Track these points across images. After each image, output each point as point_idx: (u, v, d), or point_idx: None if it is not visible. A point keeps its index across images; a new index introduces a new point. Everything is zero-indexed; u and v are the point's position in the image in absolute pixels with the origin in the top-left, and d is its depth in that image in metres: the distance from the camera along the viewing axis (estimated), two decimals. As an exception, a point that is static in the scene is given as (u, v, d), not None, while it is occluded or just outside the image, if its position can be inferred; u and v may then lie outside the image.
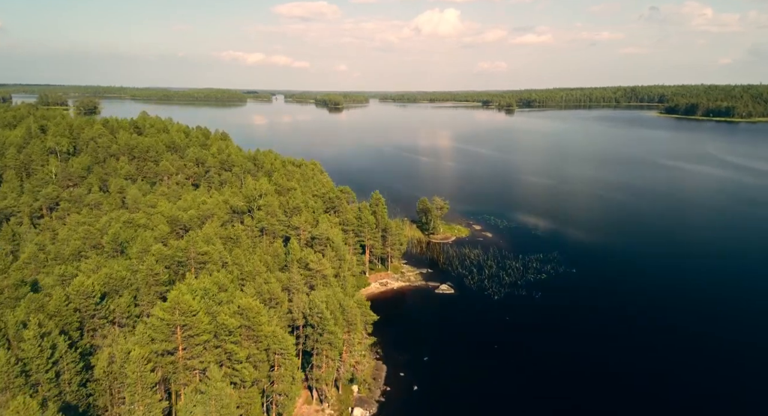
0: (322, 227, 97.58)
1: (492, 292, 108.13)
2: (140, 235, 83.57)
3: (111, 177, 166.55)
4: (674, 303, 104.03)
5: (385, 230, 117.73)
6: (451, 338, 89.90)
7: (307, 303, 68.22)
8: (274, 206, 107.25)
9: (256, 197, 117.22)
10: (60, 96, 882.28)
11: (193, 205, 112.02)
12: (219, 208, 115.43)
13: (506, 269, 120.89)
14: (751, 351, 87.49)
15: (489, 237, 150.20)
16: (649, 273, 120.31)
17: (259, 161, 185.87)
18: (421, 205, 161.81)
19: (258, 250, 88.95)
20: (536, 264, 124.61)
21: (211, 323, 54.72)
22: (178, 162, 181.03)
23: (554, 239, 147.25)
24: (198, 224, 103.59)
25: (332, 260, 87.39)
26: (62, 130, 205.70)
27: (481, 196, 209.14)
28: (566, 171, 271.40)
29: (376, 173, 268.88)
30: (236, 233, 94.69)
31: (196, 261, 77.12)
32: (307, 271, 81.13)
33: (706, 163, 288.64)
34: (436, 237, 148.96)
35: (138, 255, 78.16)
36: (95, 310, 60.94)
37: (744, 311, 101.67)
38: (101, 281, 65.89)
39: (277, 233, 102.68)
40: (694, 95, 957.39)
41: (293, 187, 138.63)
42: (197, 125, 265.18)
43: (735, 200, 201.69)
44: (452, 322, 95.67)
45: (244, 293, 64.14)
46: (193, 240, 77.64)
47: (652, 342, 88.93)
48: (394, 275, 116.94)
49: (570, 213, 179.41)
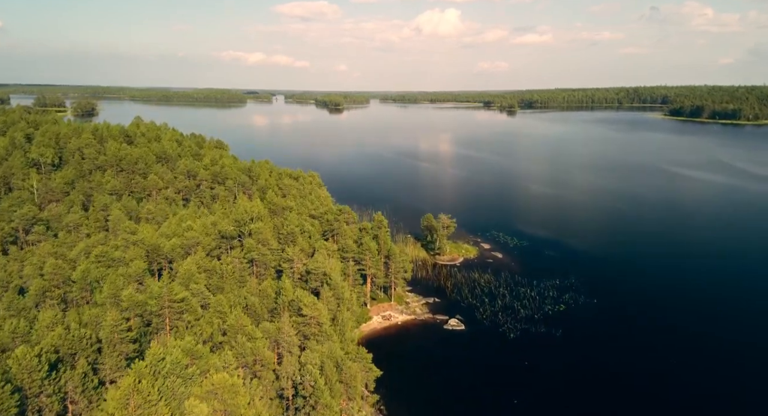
0: (318, 260, 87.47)
1: (507, 329, 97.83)
2: (111, 275, 73.38)
3: (96, 192, 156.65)
4: (726, 354, 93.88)
5: (389, 256, 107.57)
6: (463, 391, 79.32)
7: (297, 368, 58.15)
8: (266, 233, 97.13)
9: (247, 221, 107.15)
10: (58, 98, 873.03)
11: (177, 231, 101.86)
12: (206, 233, 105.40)
13: (521, 300, 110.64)
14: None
15: (499, 258, 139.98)
16: (682, 306, 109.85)
17: (254, 173, 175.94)
18: (426, 222, 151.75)
19: (244, 291, 78.83)
20: (553, 292, 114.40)
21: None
22: (168, 175, 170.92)
23: (569, 260, 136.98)
24: (181, 255, 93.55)
25: (329, 302, 77.27)
26: (47, 140, 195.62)
27: (488, 209, 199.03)
28: (575, 180, 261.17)
29: (376, 181, 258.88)
30: (222, 268, 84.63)
31: (171, 311, 67.01)
32: (300, 317, 71.07)
33: (720, 172, 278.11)
34: (442, 258, 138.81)
35: (106, 301, 68.15)
36: (41, 387, 50.78)
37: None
38: (55, 342, 55.79)
39: (269, 264, 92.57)
40: (698, 97, 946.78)
41: (289, 206, 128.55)
42: (192, 132, 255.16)
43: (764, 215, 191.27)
44: (464, 369, 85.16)
45: (222, 359, 54.05)
46: (169, 288, 67.35)
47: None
48: (398, 306, 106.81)
49: (583, 229, 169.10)
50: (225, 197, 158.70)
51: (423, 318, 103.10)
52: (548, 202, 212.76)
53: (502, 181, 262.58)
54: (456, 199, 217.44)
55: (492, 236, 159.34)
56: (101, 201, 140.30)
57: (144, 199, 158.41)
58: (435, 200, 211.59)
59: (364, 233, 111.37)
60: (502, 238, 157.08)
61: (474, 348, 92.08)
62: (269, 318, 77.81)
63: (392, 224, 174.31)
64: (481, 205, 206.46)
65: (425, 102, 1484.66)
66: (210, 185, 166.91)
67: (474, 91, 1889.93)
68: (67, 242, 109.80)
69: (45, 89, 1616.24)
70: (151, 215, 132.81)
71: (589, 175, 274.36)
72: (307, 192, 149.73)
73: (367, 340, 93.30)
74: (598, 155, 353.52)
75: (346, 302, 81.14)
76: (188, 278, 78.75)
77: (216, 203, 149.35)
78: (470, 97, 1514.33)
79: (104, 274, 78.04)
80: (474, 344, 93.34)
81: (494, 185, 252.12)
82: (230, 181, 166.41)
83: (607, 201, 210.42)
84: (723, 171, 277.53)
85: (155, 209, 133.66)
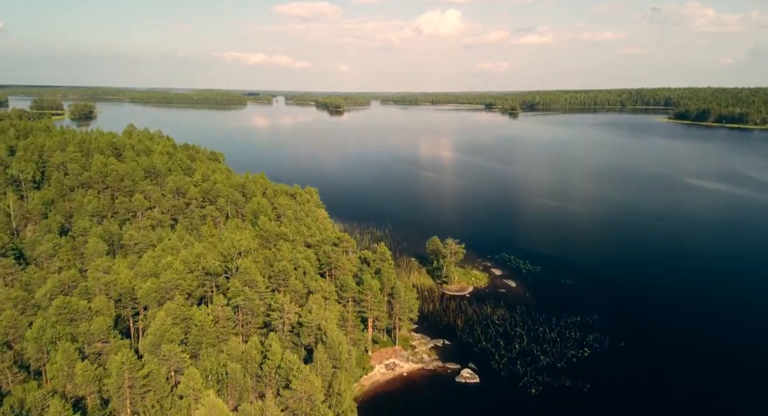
0: (313, 310, 76.26)
1: (527, 382, 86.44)
2: (63, 345, 61.97)
3: (77, 213, 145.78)
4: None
5: (392, 294, 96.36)
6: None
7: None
8: (254, 273, 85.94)
9: (234, 256, 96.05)
10: (55, 100, 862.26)
11: (155, 269, 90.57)
12: (189, 269, 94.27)
13: (540, 343, 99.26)
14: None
15: (512, 288, 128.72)
16: (731, 351, 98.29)
17: (247, 190, 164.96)
18: (432, 246, 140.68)
19: (224, 356, 67.64)
20: (575, 333, 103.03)
21: None
22: (156, 193, 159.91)
23: (588, 289, 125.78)
24: (157, 300, 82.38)
25: (323, 366, 66.03)
26: (29, 154, 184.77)
27: (496, 225, 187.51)
28: (587, 192, 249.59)
29: (377, 191, 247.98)
30: (202, 320, 73.46)
31: (133, 391, 55.87)
32: (288, 390, 59.91)
33: (737, 184, 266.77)
34: (450, 288, 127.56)
35: (58, 374, 57.06)
36: None
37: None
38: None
39: (256, 310, 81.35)
40: (702, 99, 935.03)
41: (283, 233, 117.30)
42: (185, 143, 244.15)
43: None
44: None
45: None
46: (131, 362, 56.15)
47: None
48: (402, 352, 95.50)
49: (600, 252, 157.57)
50: (216, 218, 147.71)
51: (432, 367, 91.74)
52: (560, 218, 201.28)
53: (509, 193, 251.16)
54: (461, 214, 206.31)
55: (502, 259, 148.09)
56: (80, 225, 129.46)
57: (128, 220, 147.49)
58: (439, 216, 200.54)
59: (365, 269, 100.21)
60: (513, 262, 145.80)
61: (491, 407, 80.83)
62: (253, 383, 66.71)
63: (395, 243, 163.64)
64: (489, 221, 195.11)
65: (426, 104, 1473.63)
66: (200, 203, 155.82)
67: (475, 92, 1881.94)
68: (35, 278, 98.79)
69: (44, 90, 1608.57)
70: (132, 242, 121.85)
71: (601, 187, 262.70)
72: (304, 214, 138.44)
73: (369, 396, 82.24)
74: (609, 164, 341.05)
75: (344, 362, 69.89)
76: (160, 337, 67.66)
77: (205, 224, 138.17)
78: (471, 99, 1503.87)
79: (61, 334, 66.81)
80: (491, 401, 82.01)
81: (501, 197, 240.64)
82: (222, 199, 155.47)
83: (622, 218, 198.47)
84: (742, 183, 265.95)
85: (138, 235, 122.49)
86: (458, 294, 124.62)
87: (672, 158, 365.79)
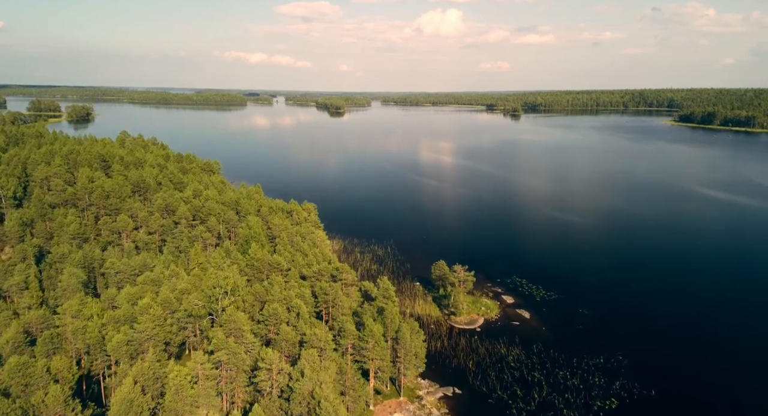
0: (305, 370, 66.17)
1: (550, 446, 76.58)
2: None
3: (56, 235, 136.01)
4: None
5: (396, 339, 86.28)
6: None
7: None
8: (241, 321, 75.91)
9: (220, 297, 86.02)
10: (53, 102, 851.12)
11: (132, 312, 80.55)
12: (168, 312, 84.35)
13: (561, 390, 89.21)
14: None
15: (526, 319, 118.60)
16: None
17: (241, 207, 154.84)
18: (438, 271, 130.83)
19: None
20: (599, 378, 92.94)
21: None
22: (143, 211, 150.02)
23: (610, 322, 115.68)
24: (128, 355, 72.39)
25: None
26: (12, 168, 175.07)
27: (504, 243, 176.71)
28: (600, 205, 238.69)
29: (378, 201, 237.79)
30: (177, 383, 63.48)
31: None
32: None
33: (754, 195, 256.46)
34: (459, 321, 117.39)
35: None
36: None
37: None
38: None
39: (240, 366, 71.30)
40: (706, 101, 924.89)
41: (276, 263, 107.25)
42: (178, 153, 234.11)
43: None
44: None
45: None
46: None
47: None
48: (408, 405, 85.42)
49: (617, 275, 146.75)
50: (205, 240, 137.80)
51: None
52: (573, 234, 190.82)
53: (517, 204, 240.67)
54: (467, 229, 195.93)
55: (513, 284, 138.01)
56: (58, 251, 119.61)
57: (112, 243, 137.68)
58: (444, 230, 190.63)
59: (366, 308, 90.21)
60: (525, 287, 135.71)
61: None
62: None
63: (397, 264, 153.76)
64: (496, 237, 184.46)
65: (427, 104, 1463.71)
66: (190, 223, 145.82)
67: (476, 92, 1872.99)
68: (1, 318, 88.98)
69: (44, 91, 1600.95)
70: (113, 270, 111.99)
71: (613, 198, 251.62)
72: (300, 238, 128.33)
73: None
74: (619, 172, 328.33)
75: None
76: (126, 409, 57.69)
77: (193, 248, 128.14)
78: (473, 100, 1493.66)
79: (10, 409, 56.93)
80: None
81: (508, 209, 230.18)
82: (213, 218, 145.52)
83: (640, 235, 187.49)
84: (759, 194, 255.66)
85: (119, 263, 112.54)
86: (468, 328, 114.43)
87: (684, 167, 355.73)
